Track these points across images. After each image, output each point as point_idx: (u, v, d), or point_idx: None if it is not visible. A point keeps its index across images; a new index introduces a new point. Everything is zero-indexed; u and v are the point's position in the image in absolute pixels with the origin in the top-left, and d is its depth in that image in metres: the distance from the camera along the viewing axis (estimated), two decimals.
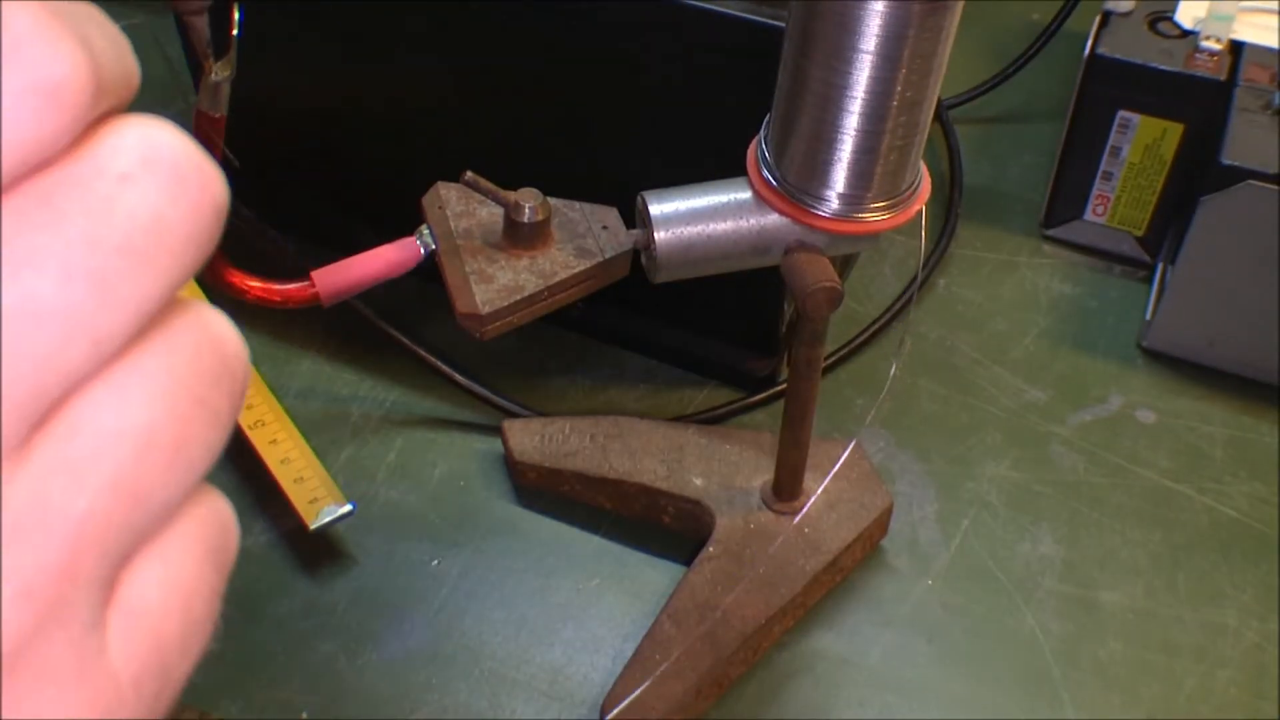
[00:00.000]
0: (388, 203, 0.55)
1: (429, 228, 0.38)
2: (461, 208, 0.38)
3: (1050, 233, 0.67)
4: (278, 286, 0.37)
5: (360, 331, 0.59)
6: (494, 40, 0.48)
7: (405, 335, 0.58)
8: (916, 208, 0.39)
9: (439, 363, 0.57)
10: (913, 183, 0.39)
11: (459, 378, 0.56)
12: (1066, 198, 0.66)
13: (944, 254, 0.65)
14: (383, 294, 0.43)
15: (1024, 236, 0.68)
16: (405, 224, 0.40)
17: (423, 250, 0.37)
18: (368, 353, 0.60)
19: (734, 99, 0.46)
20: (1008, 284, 0.65)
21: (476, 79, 0.51)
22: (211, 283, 0.37)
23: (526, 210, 0.36)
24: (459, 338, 0.45)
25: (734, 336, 0.58)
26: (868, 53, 0.35)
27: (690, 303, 0.52)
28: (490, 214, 0.37)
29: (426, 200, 0.38)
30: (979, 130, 0.75)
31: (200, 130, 0.33)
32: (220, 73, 0.32)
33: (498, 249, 0.37)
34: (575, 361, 0.60)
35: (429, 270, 0.39)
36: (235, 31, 0.31)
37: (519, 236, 0.36)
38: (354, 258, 0.37)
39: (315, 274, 0.37)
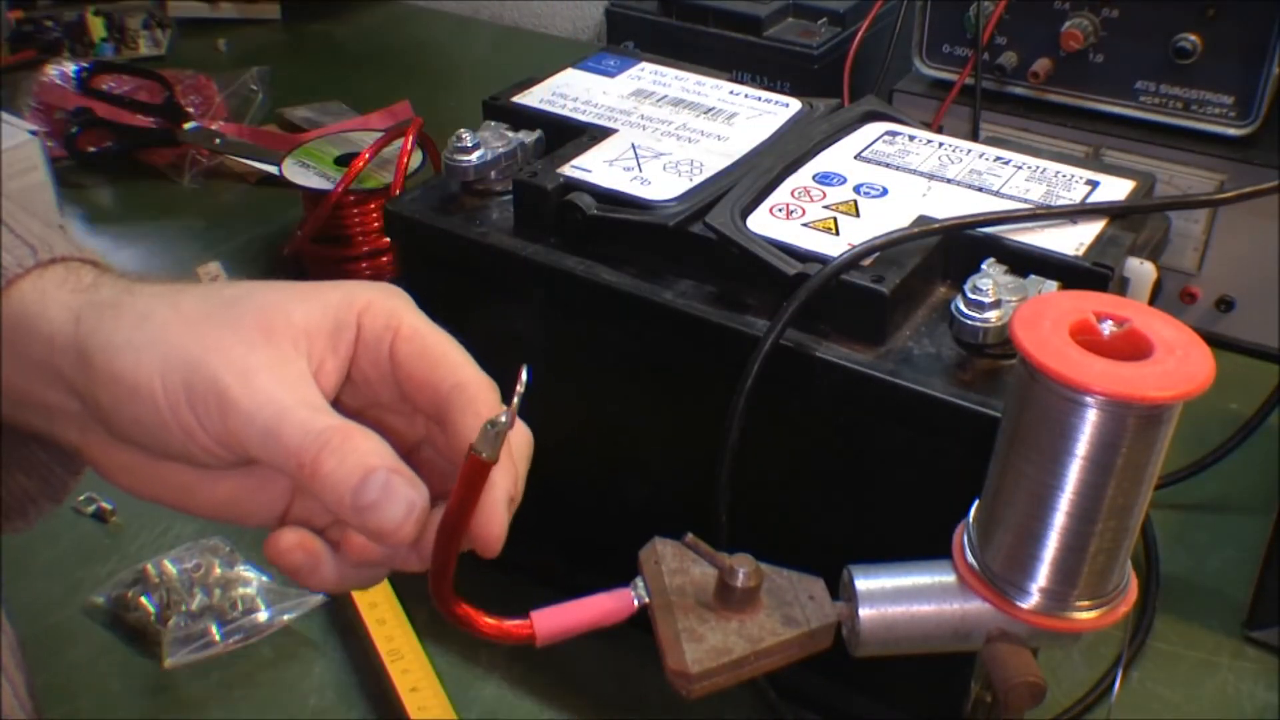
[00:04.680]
0: (598, 543, 0.58)
1: (644, 580, 0.40)
2: (676, 564, 0.40)
3: (1254, 634, 0.65)
4: (495, 622, 0.39)
5: (545, 660, 0.61)
6: (714, 401, 0.51)
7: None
8: (1123, 611, 0.39)
9: None
10: (1119, 585, 0.39)
11: None
12: (1272, 600, 0.64)
13: (1140, 646, 0.64)
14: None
15: (1224, 635, 0.65)
16: (617, 567, 0.42)
17: (637, 603, 0.39)
18: (551, 685, 0.61)
19: (943, 480, 0.47)
20: (1208, 686, 0.62)
21: (695, 436, 0.54)
22: (445, 613, 0.39)
23: (740, 575, 0.38)
24: (642, 679, 0.46)
25: (914, 708, 0.57)
26: (1080, 457, 0.37)
27: (872, 666, 0.52)
28: (703, 573, 0.39)
29: (644, 554, 0.40)
30: (1176, 517, 0.74)
31: (469, 470, 0.36)
32: (500, 423, 0.35)
33: (708, 609, 0.38)
34: (754, 716, 0.60)
35: (640, 619, 0.40)
36: (521, 389, 0.35)
37: (730, 599, 0.38)
38: (571, 603, 0.39)
39: (535, 615, 0.39)
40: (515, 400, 0.35)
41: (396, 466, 0.38)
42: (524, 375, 0.35)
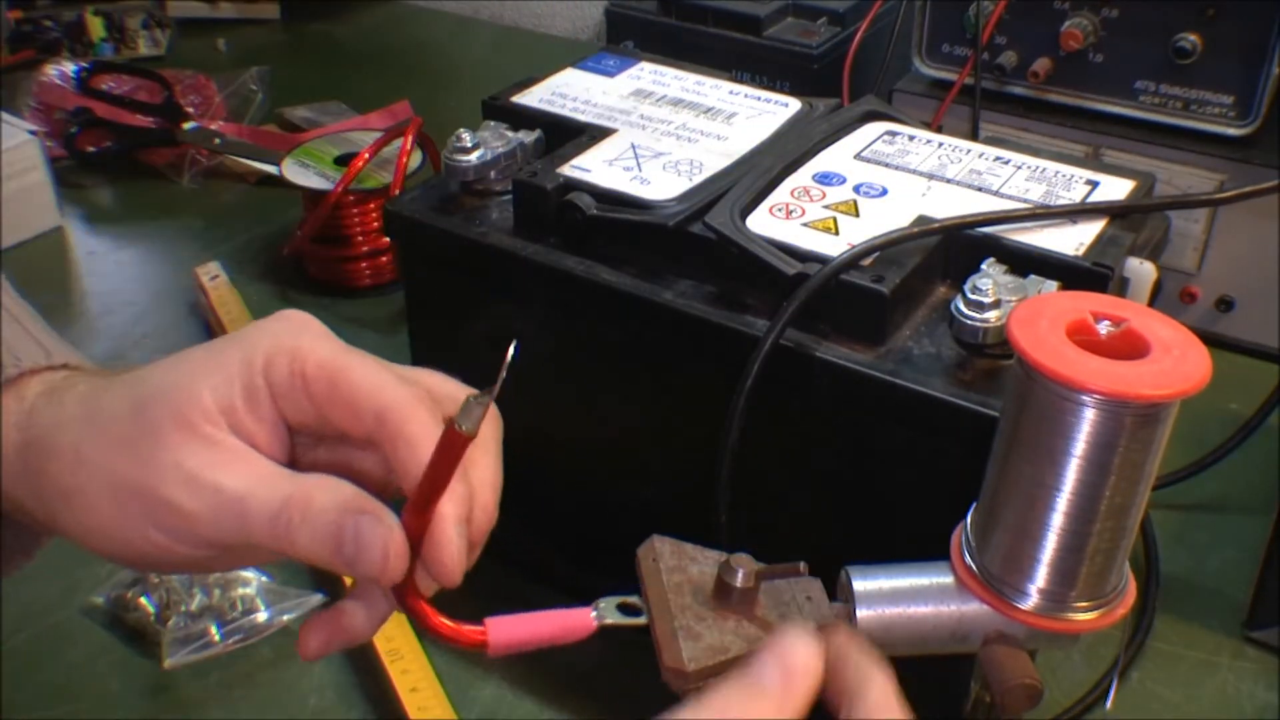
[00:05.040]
0: (597, 542, 0.58)
1: (640, 579, 0.40)
2: (674, 562, 0.40)
3: (1254, 634, 0.65)
4: (450, 624, 0.39)
5: (545, 660, 0.61)
6: (714, 401, 0.51)
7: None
8: (1121, 612, 0.39)
9: None
10: (1118, 586, 0.39)
11: None
12: (1272, 600, 0.64)
13: (1140, 646, 0.64)
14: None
15: (1224, 635, 0.65)
16: (617, 566, 0.42)
17: (596, 623, 0.39)
18: (551, 685, 0.61)
19: (943, 480, 0.47)
20: (1208, 686, 0.62)
21: (695, 436, 0.54)
22: (399, 603, 0.39)
23: (739, 574, 0.38)
24: (642, 679, 0.46)
25: (913, 708, 0.57)
26: (1077, 457, 0.37)
27: None
28: (701, 572, 0.39)
29: (641, 552, 0.40)
30: (1176, 517, 0.74)
31: (446, 444, 0.36)
32: (483, 397, 0.35)
33: (706, 607, 0.38)
34: None
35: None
36: (508, 360, 0.34)
37: (728, 598, 0.38)
38: (529, 615, 0.38)
39: (490, 622, 0.38)
40: (502, 375, 0.34)
41: (361, 506, 0.38)
42: (510, 351, 0.35)
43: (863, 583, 0.40)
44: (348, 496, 0.38)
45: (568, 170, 0.59)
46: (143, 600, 0.65)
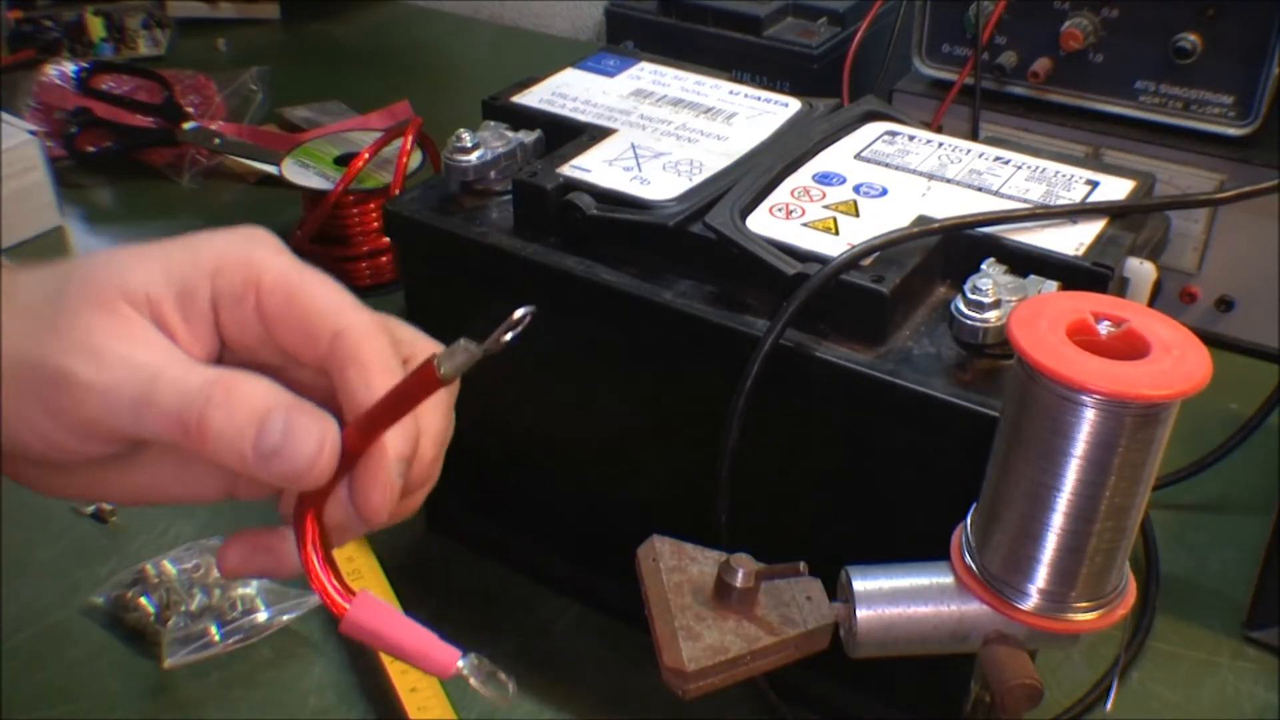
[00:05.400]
0: (596, 542, 0.58)
1: (641, 579, 0.40)
2: (674, 562, 0.40)
3: (1254, 634, 0.65)
4: (323, 573, 0.36)
5: (545, 660, 0.61)
6: (714, 401, 0.51)
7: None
8: (1121, 612, 0.39)
9: None
10: (1118, 586, 0.39)
11: None
12: (1272, 600, 0.64)
13: (1140, 646, 0.64)
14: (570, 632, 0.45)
15: (1224, 635, 0.65)
16: (617, 566, 0.42)
17: (457, 671, 0.36)
18: (551, 685, 0.61)
19: (943, 480, 0.47)
20: (1208, 686, 0.62)
21: (695, 437, 0.54)
22: (294, 523, 0.37)
23: (739, 574, 0.38)
24: (642, 679, 0.46)
25: (914, 708, 0.57)
26: (1077, 457, 0.37)
27: (872, 666, 0.52)
28: (701, 572, 0.39)
29: (642, 552, 0.41)
30: (1176, 517, 0.74)
31: (417, 377, 0.33)
32: (472, 348, 0.33)
33: (706, 607, 0.38)
34: (754, 716, 0.60)
35: (639, 617, 0.40)
36: (515, 320, 0.32)
37: (728, 598, 0.38)
38: (404, 620, 0.36)
39: (361, 598, 0.35)
40: (505, 336, 0.32)
41: (294, 403, 0.34)
42: (519, 314, 0.32)
43: (863, 583, 0.40)
44: (281, 392, 0.34)
45: (568, 170, 0.59)
46: (143, 600, 0.65)
